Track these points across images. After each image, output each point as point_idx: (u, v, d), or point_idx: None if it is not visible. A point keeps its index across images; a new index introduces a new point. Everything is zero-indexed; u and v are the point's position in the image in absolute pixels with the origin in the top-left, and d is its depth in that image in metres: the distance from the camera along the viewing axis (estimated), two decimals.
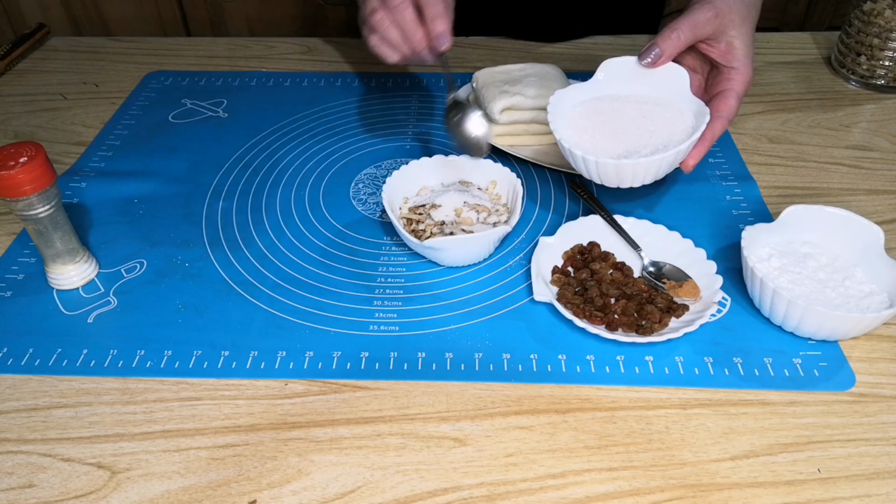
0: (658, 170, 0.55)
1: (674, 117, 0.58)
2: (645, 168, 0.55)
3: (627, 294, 0.55)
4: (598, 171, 0.56)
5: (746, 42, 0.58)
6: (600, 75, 0.61)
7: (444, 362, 0.51)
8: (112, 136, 0.77)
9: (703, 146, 0.56)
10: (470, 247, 0.57)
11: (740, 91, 0.58)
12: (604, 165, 0.55)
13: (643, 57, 0.58)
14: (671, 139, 0.56)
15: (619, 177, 0.56)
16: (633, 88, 0.60)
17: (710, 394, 0.49)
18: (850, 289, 0.53)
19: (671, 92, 0.59)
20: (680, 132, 0.57)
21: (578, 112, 0.60)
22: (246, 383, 0.50)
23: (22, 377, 0.51)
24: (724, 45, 0.58)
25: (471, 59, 0.89)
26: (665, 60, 0.58)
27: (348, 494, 0.43)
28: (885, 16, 0.78)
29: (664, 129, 0.57)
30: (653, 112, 0.59)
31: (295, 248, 0.62)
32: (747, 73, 0.58)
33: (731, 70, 0.58)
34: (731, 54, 0.58)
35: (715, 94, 0.59)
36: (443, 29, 0.57)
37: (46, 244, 0.55)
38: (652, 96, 0.60)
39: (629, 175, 0.56)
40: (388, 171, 0.71)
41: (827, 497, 0.43)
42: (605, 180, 0.57)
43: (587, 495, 0.43)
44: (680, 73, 0.59)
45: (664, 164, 0.55)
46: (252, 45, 0.95)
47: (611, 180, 0.57)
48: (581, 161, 0.56)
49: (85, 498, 0.43)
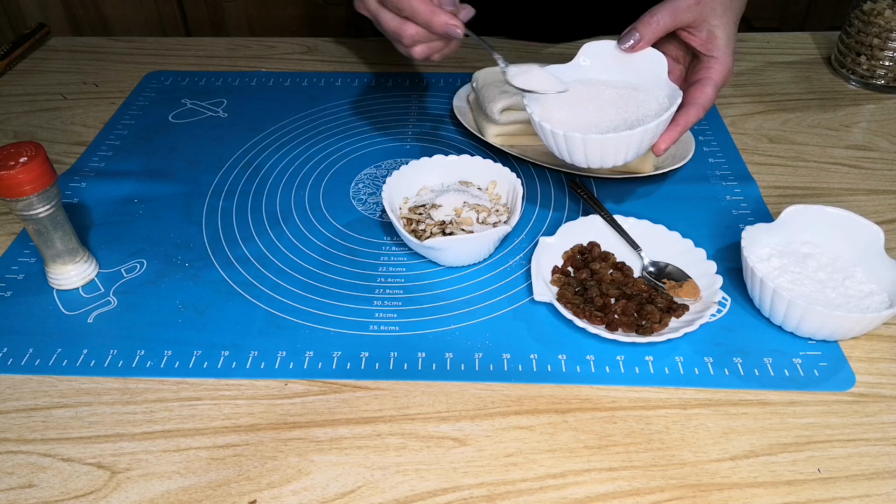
0: (627, 148, 0.55)
1: (648, 101, 0.58)
2: (614, 145, 0.54)
3: (627, 294, 0.55)
4: (567, 147, 0.56)
5: (728, 32, 0.58)
6: (581, 59, 0.61)
7: (444, 362, 0.51)
8: (112, 136, 0.77)
9: (674, 131, 0.56)
10: (470, 247, 0.57)
11: (718, 81, 0.58)
12: (572, 140, 0.54)
13: (623, 41, 0.58)
14: (644, 122, 0.56)
15: (588, 154, 0.55)
16: (612, 73, 0.60)
17: (710, 394, 0.49)
18: (850, 289, 0.53)
19: (648, 77, 0.59)
20: (653, 115, 0.56)
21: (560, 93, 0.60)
22: (246, 383, 0.50)
23: (22, 377, 0.51)
24: (706, 33, 0.58)
25: (471, 59, 0.89)
26: (644, 45, 0.58)
27: (348, 494, 0.43)
28: (885, 16, 0.78)
29: (638, 112, 0.57)
30: (628, 96, 0.58)
31: (295, 248, 0.62)
32: (727, 64, 0.58)
33: (711, 59, 0.58)
34: (712, 43, 0.58)
35: (693, 82, 0.59)
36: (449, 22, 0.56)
37: (46, 244, 0.55)
38: (630, 81, 0.59)
39: (597, 152, 0.55)
40: (388, 171, 0.71)
41: (827, 497, 0.43)
42: (574, 158, 0.57)
43: (587, 495, 0.43)
44: (658, 58, 0.58)
45: (633, 142, 0.54)
46: (252, 45, 0.95)
47: (580, 158, 0.56)
48: (550, 136, 0.56)
49: (85, 498, 0.43)
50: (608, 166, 0.57)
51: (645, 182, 0.68)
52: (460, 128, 0.77)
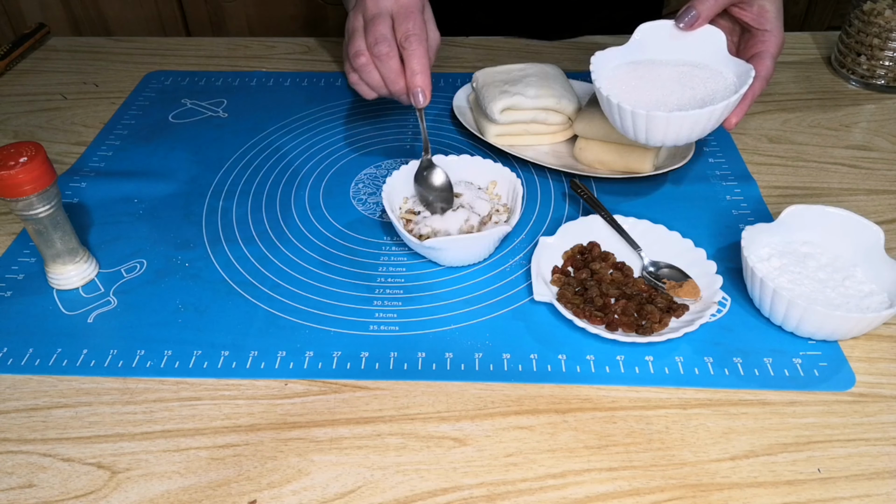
0: (707, 123, 0.56)
1: (713, 77, 0.59)
2: (694, 121, 0.55)
3: (627, 294, 0.55)
4: (647, 126, 0.56)
5: (777, 6, 0.60)
6: (637, 37, 0.61)
7: (444, 362, 0.51)
8: (112, 136, 0.77)
9: (745, 105, 0.58)
10: (470, 247, 0.57)
11: (774, 53, 0.60)
12: (653, 119, 0.55)
13: (680, 20, 0.59)
14: (713, 98, 0.57)
15: (666, 132, 0.56)
16: (670, 52, 0.61)
17: (710, 394, 0.49)
18: (850, 289, 0.53)
19: (708, 54, 0.60)
20: (721, 91, 0.57)
21: (619, 73, 0.61)
22: (246, 383, 0.50)
23: (22, 377, 0.51)
24: (756, 8, 0.59)
25: (471, 59, 0.89)
26: (702, 23, 0.59)
27: (348, 494, 0.43)
28: (885, 16, 0.78)
29: (704, 89, 0.58)
30: (691, 73, 0.60)
31: (295, 248, 0.62)
32: (780, 36, 0.60)
33: (765, 33, 0.60)
34: (764, 17, 0.60)
35: (749, 56, 0.60)
36: (422, 84, 0.59)
37: (46, 244, 0.55)
38: (689, 59, 0.61)
39: (674, 130, 0.56)
40: (388, 171, 0.71)
41: (827, 497, 0.43)
42: (650, 137, 0.57)
43: (587, 495, 0.43)
44: (716, 34, 0.60)
45: (714, 117, 0.55)
46: (252, 45, 0.95)
47: (656, 137, 0.57)
48: (629, 116, 0.56)
49: (85, 498, 0.43)
50: (682, 143, 0.58)
51: (645, 182, 0.68)
52: (460, 128, 0.77)
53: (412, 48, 0.59)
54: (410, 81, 0.60)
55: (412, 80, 0.59)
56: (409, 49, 0.59)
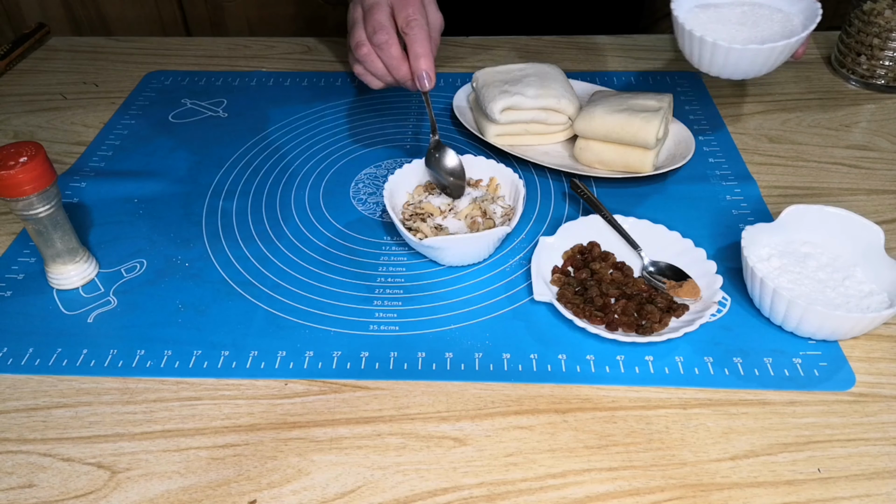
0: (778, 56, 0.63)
1: (773, 14, 0.67)
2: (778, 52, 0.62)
3: (627, 294, 0.55)
4: (727, 58, 0.63)
5: None
6: None
7: (444, 362, 0.51)
8: (112, 135, 0.77)
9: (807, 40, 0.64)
10: (470, 246, 0.57)
11: None
12: (735, 52, 0.62)
13: None
14: (782, 32, 0.65)
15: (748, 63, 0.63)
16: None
17: (710, 394, 0.49)
18: (850, 289, 0.53)
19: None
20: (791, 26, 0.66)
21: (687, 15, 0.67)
22: (246, 383, 0.50)
23: (22, 377, 0.51)
24: None
25: (470, 59, 0.89)
26: None
27: (348, 494, 0.43)
28: (885, 16, 0.78)
29: (770, 25, 0.66)
30: (756, 13, 0.68)
31: (295, 248, 0.62)
32: None
33: None
34: None
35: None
36: (426, 67, 0.61)
37: (46, 244, 0.55)
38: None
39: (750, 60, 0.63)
40: (388, 170, 0.71)
41: (827, 497, 0.43)
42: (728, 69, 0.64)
43: (587, 495, 0.43)
44: None
45: (787, 51, 0.63)
46: (252, 45, 0.95)
47: (737, 69, 0.64)
48: (709, 46, 0.63)
49: (85, 498, 0.43)
50: (752, 76, 0.65)
51: (645, 182, 0.68)
52: (460, 128, 0.77)
53: (413, 33, 0.60)
54: (414, 65, 0.61)
55: (416, 64, 0.61)
56: (410, 34, 0.60)
